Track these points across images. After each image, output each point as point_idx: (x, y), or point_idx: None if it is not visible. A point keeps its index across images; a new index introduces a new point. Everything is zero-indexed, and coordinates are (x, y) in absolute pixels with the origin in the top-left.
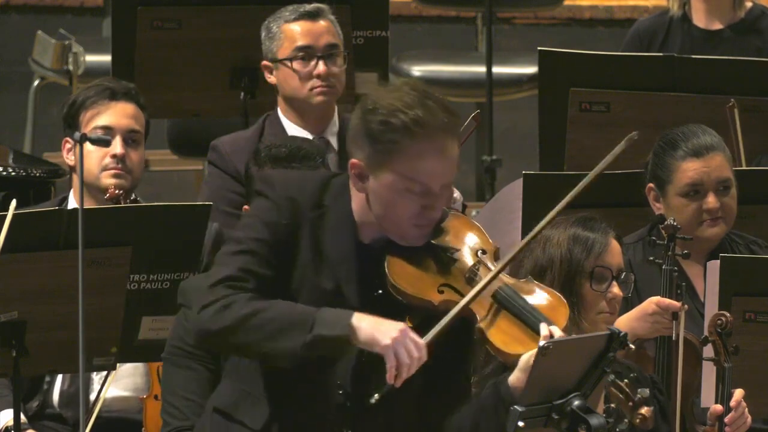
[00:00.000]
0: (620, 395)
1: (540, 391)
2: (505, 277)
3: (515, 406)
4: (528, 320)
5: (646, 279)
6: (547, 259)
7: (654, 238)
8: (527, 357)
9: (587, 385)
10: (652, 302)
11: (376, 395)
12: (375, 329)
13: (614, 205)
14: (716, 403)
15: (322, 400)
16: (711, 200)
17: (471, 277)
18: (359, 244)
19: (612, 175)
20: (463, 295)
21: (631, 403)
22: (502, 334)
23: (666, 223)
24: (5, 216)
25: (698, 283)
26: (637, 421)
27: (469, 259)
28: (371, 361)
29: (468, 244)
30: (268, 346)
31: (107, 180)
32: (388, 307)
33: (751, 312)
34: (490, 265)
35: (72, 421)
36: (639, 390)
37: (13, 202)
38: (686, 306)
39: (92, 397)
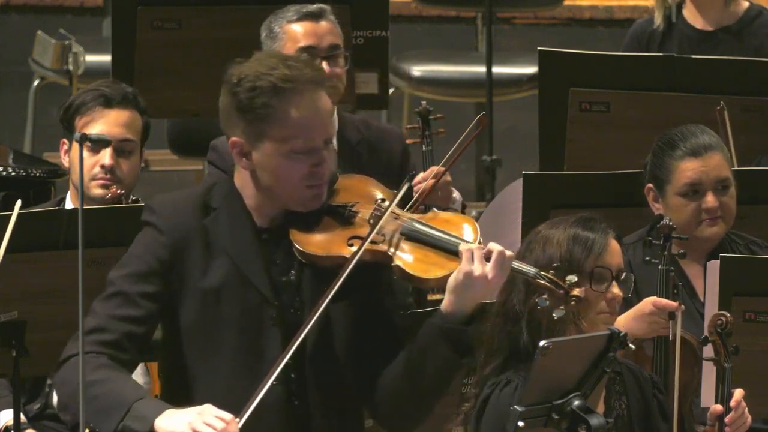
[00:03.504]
0: (549, 285)
1: (540, 391)
2: (408, 214)
3: (515, 406)
4: (441, 244)
5: (646, 279)
6: (546, 259)
7: (650, 238)
8: (453, 277)
9: (587, 385)
10: (648, 302)
11: None
12: (173, 423)
13: (614, 205)
14: (716, 403)
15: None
16: (710, 200)
17: (375, 223)
18: (259, 231)
19: (612, 175)
20: (372, 242)
21: (561, 291)
22: (419, 263)
23: (662, 223)
24: (5, 216)
25: (698, 283)
26: (573, 303)
27: (369, 208)
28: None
29: (365, 196)
30: (91, 419)
31: (96, 190)
32: (303, 286)
33: (751, 312)
34: (392, 209)
35: (71, 425)
36: (567, 277)
37: (18, 203)
38: (683, 306)
39: None
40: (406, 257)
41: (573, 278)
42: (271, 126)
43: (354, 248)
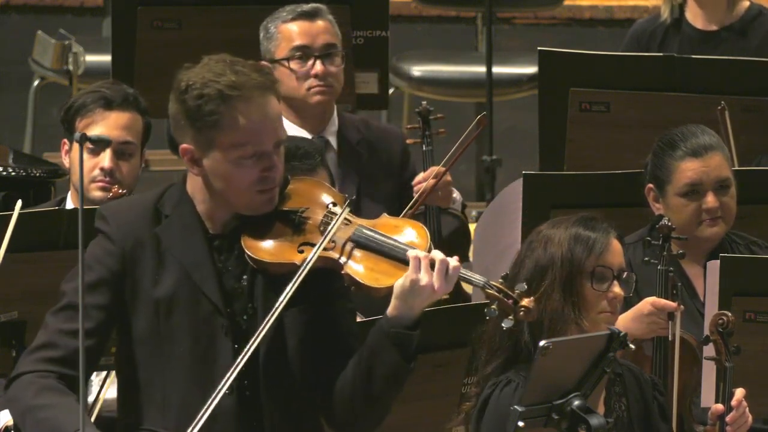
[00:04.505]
0: (498, 295)
1: (540, 391)
2: (358, 220)
3: (515, 406)
4: (391, 252)
5: (646, 279)
6: (548, 259)
7: (649, 238)
8: (399, 283)
9: (587, 385)
10: (647, 303)
11: None
12: None
13: (614, 205)
14: (716, 402)
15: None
16: (710, 200)
17: (325, 229)
18: (211, 237)
19: (612, 175)
20: (323, 249)
21: (510, 300)
22: (369, 272)
23: (661, 223)
24: (5, 216)
25: (698, 284)
26: (521, 313)
27: (319, 214)
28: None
29: (315, 201)
30: None
31: (95, 192)
32: (255, 293)
33: (751, 312)
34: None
35: None
36: (516, 286)
37: (19, 203)
38: (682, 306)
39: (91, 398)
40: (356, 265)
41: (523, 286)
42: (219, 133)
43: (304, 254)
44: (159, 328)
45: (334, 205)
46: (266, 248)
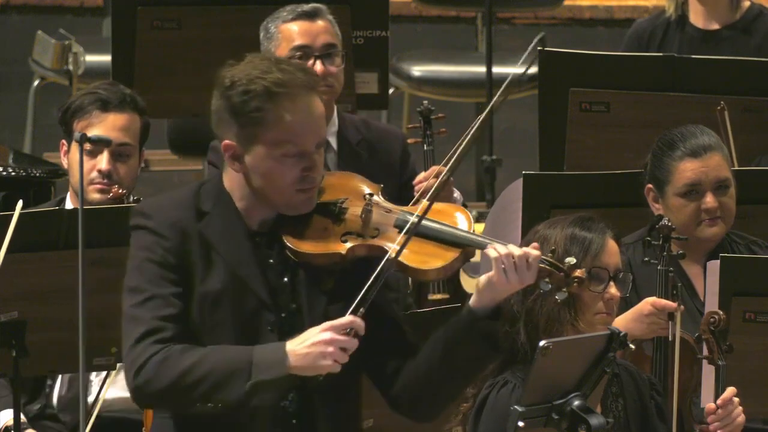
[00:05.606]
0: (549, 268)
1: (540, 391)
2: (399, 208)
3: (515, 406)
4: (436, 235)
5: (646, 279)
6: None
7: (649, 238)
8: (485, 282)
9: (587, 385)
10: (647, 303)
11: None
12: (305, 357)
13: (614, 205)
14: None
15: None
16: (709, 200)
17: (366, 218)
18: (251, 234)
19: (612, 175)
20: (364, 238)
21: (562, 273)
22: (416, 256)
23: (661, 223)
24: (6, 216)
25: (699, 284)
26: (575, 285)
27: (358, 203)
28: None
29: (353, 191)
30: (212, 399)
31: (93, 194)
32: (298, 288)
33: (751, 312)
34: (381, 203)
35: (70, 426)
36: (566, 259)
37: (19, 203)
38: (683, 306)
39: (91, 399)
40: (403, 251)
41: (572, 260)
42: (263, 130)
43: (348, 244)
44: (204, 322)
45: (371, 195)
46: (308, 241)
